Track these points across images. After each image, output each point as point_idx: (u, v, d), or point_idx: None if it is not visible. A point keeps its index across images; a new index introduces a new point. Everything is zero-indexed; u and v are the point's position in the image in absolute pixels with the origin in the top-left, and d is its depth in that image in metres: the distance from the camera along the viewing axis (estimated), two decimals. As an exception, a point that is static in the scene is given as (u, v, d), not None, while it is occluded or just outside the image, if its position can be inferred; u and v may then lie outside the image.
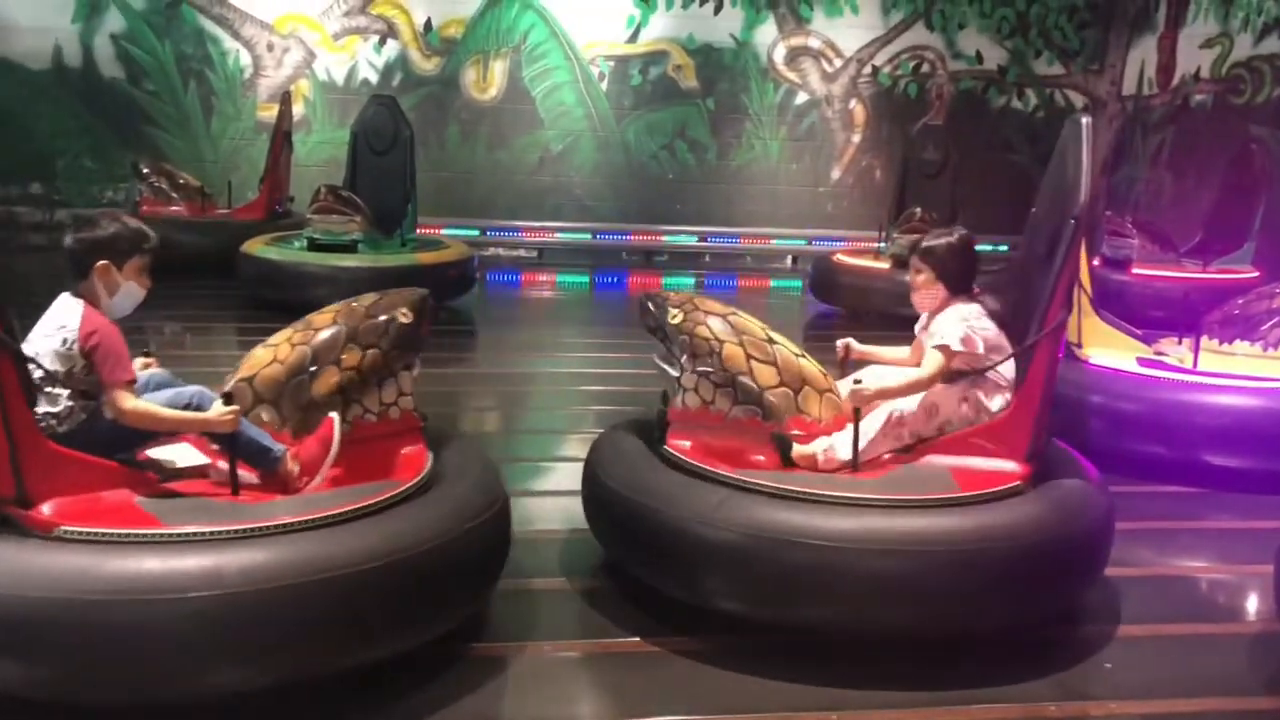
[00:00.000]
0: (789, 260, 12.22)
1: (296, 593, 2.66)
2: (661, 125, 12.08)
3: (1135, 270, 8.51)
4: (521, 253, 11.93)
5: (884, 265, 8.73)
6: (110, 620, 2.53)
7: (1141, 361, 5.28)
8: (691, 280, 11.07)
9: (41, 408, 2.97)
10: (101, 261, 3.09)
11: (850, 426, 3.53)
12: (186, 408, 3.13)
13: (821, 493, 3.24)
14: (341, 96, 11.49)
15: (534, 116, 11.88)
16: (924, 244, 3.80)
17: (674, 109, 12.03)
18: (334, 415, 3.29)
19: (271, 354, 3.38)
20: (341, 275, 7.77)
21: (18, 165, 11.16)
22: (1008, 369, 3.64)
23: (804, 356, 3.77)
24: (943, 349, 3.59)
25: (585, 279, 11.05)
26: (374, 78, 11.53)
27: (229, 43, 11.31)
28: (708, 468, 3.42)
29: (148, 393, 3.19)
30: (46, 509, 2.79)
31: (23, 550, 2.65)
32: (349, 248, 8.16)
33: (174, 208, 9.70)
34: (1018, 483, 3.36)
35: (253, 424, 3.23)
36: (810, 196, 12.46)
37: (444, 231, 10.08)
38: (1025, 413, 3.45)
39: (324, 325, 3.45)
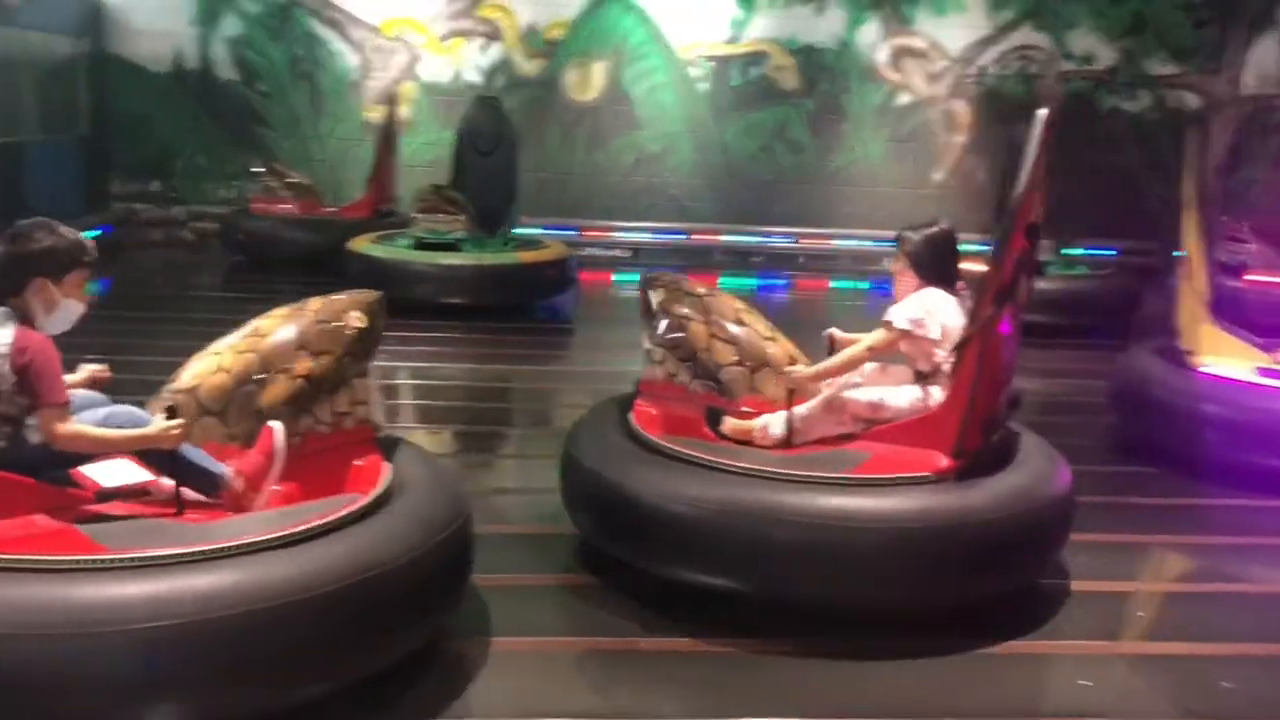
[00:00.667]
0: (887, 263, 12.04)
1: (255, 619, 2.45)
2: (760, 126, 12.04)
3: (1249, 276, 8.21)
4: (617, 253, 12.00)
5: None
6: (54, 655, 2.31)
7: (1262, 371, 5.10)
8: (786, 280, 11.01)
9: None
10: (37, 279, 2.83)
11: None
12: (121, 428, 2.90)
13: (716, 461, 3.40)
14: (446, 98, 11.70)
15: (632, 117, 11.94)
16: (902, 233, 3.90)
17: (773, 110, 11.98)
18: (274, 424, 3.07)
19: (216, 363, 3.19)
20: (445, 273, 7.93)
21: (139, 164, 11.62)
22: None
23: (774, 340, 4.00)
24: (885, 324, 3.69)
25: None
26: (477, 79, 11.72)
27: (338, 45, 11.61)
28: (646, 434, 3.64)
29: (76, 414, 2.93)
30: None
31: None
32: (453, 246, 8.31)
33: (284, 205, 9.99)
34: (928, 473, 3.36)
35: (199, 436, 3.05)
36: (911, 199, 12.27)
37: (541, 231, 10.20)
38: (953, 408, 3.47)
39: (272, 330, 3.26)
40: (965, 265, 3.85)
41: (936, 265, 3.84)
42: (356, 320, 3.32)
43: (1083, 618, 3.59)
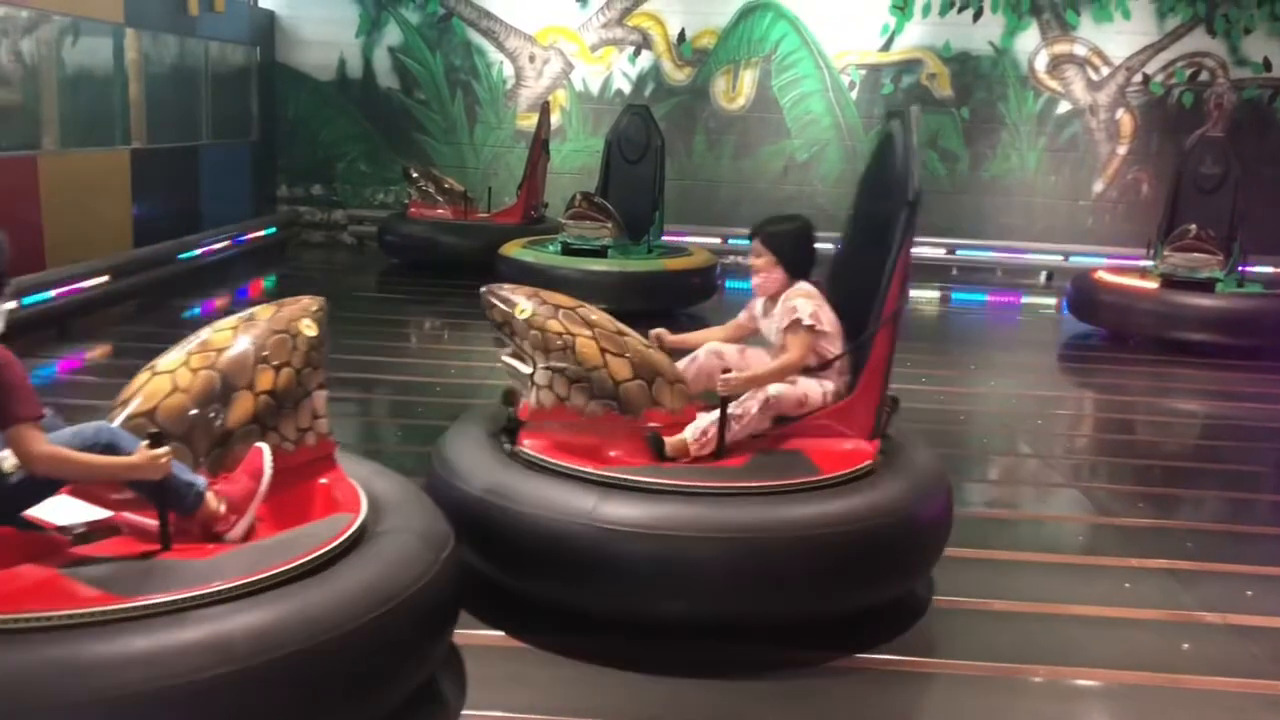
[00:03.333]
0: (1042, 276, 11.70)
1: (293, 661, 2.26)
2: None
3: None
4: (763, 261, 11.93)
5: (1151, 284, 8.22)
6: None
7: None
8: (938, 293, 10.77)
9: None
10: None
11: (717, 413, 3.53)
12: (92, 449, 2.51)
13: (703, 485, 3.23)
14: (595, 106, 11.86)
15: (780, 126, 11.88)
16: (767, 229, 3.86)
17: (926, 118, 11.73)
18: (263, 445, 2.86)
19: (170, 382, 2.87)
20: (591, 279, 8.03)
21: (304, 168, 12.15)
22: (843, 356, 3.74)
23: (651, 347, 3.75)
24: (808, 329, 3.67)
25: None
26: (627, 88, 11.84)
27: (494, 54, 11.90)
28: (576, 466, 3.30)
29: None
30: None
31: None
32: (599, 253, 8.42)
33: (439, 210, 10.30)
34: (869, 462, 3.45)
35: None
36: (1069, 210, 11.88)
37: (685, 239, 10.22)
38: (870, 394, 3.62)
39: (226, 344, 2.97)
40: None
41: (805, 262, 3.88)
42: (307, 329, 3.08)
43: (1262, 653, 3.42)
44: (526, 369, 3.59)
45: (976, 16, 11.57)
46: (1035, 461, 5.60)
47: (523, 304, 3.64)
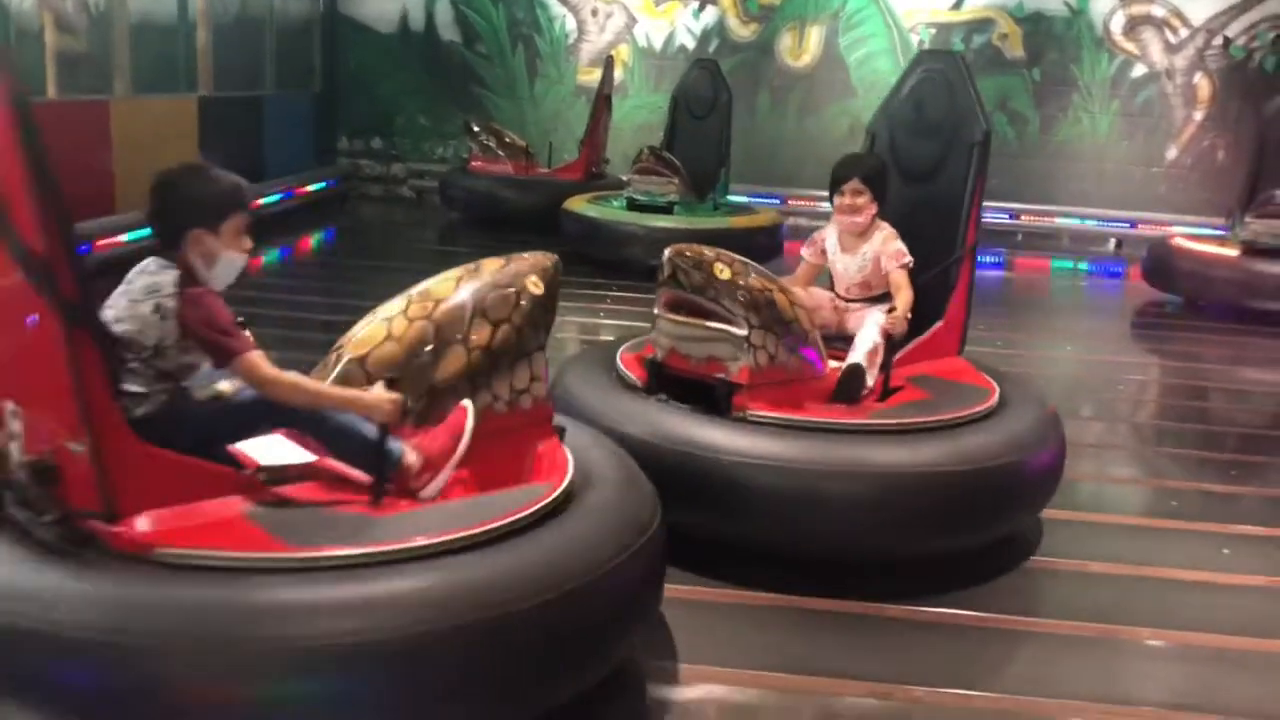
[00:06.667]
0: (1111, 243, 11.44)
1: (462, 633, 2.16)
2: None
3: None
4: (823, 223, 11.76)
5: (1232, 252, 8.00)
6: (222, 674, 2.04)
7: None
8: (999, 259, 10.55)
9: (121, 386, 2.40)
10: (194, 230, 2.48)
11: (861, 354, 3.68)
12: None
13: (917, 422, 3.45)
14: (658, 62, 11.72)
15: (846, 84, 11.67)
16: (866, 168, 4.02)
17: (996, 79, 11.45)
18: (468, 404, 2.75)
19: (385, 329, 2.81)
20: (656, 235, 7.92)
21: (364, 122, 12.13)
22: None
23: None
24: (905, 268, 3.93)
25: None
26: (691, 44, 11.68)
27: (556, 8, 11.77)
28: (813, 419, 3.42)
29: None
30: (139, 524, 2.22)
31: (116, 579, 2.09)
32: (665, 209, 8.33)
33: (500, 166, 10.23)
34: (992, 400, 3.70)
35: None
36: (1141, 176, 11.59)
37: (746, 199, 10.09)
38: (958, 317, 4.12)
39: (445, 295, 2.86)
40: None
41: (885, 197, 4.06)
42: (534, 286, 2.95)
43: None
44: (741, 331, 3.43)
45: (1052, -25, 11.27)
46: (1122, 426, 5.51)
47: (719, 264, 3.52)
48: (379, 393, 2.55)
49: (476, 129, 10.47)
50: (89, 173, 7.30)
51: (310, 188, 10.86)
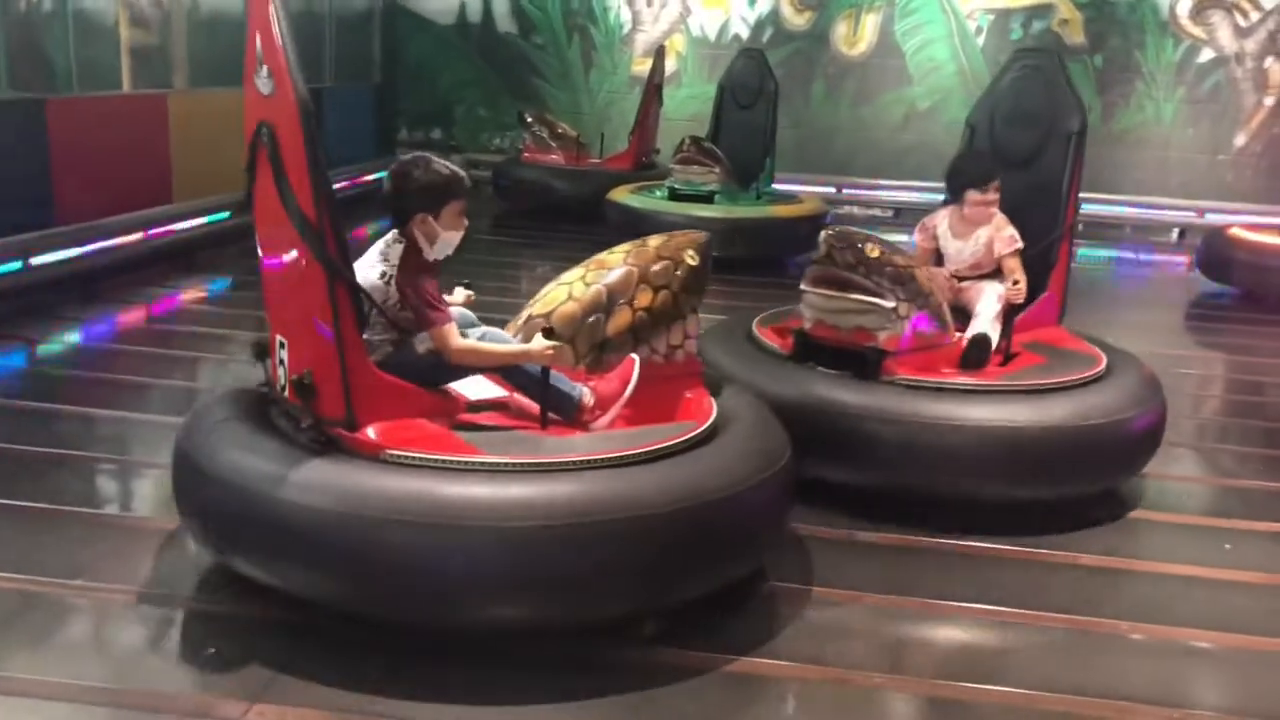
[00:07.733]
0: (1174, 233, 11.16)
1: (611, 529, 2.68)
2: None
3: None
4: (876, 212, 11.69)
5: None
6: (432, 544, 2.63)
7: None
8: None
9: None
10: (419, 214, 3.06)
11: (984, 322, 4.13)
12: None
13: (1035, 384, 3.85)
14: (712, 51, 11.72)
15: (902, 72, 11.55)
16: (985, 165, 4.43)
17: (1056, 66, 11.22)
18: (634, 356, 3.31)
19: (566, 291, 3.40)
20: (697, 225, 7.92)
21: (423, 112, 12.34)
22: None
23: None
24: (1016, 252, 4.36)
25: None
26: (745, 33, 11.66)
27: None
28: (952, 380, 3.85)
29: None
30: (372, 432, 2.86)
31: (356, 471, 2.74)
32: (706, 198, 8.34)
33: (552, 155, 10.34)
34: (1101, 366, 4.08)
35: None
36: (1207, 164, 11.28)
37: (801, 188, 10.05)
38: (1058, 290, 4.54)
39: (615, 265, 3.47)
40: None
41: None
42: (690, 258, 3.51)
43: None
44: (889, 303, 3.79)
45: (1115, -41, 11.02)
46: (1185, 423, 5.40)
47: (869, 245, 3.87)
48: (540, 342, 3.12)
49: (529, 119, 10.59)
50: (147, 162, 7.57)
51: (370, 177, 11.08)
